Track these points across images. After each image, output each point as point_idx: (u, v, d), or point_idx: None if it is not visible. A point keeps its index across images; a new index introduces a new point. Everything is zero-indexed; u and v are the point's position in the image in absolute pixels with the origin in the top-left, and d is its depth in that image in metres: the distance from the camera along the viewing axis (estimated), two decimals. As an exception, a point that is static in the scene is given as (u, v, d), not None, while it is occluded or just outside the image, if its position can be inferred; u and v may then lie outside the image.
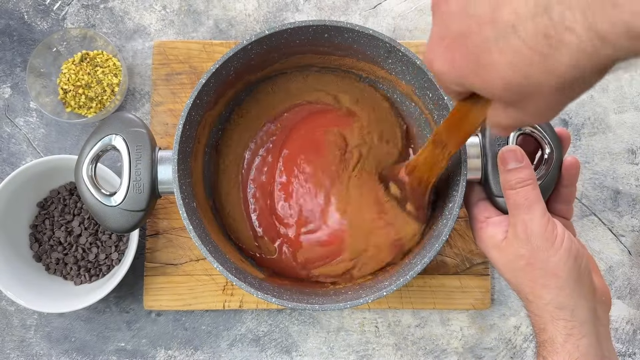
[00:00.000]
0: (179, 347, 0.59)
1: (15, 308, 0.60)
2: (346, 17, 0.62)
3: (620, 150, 0.61)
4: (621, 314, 0.60)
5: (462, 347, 0.59)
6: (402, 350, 0.59)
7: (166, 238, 0.59)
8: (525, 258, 0.40)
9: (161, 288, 0.58)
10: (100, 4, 0.62)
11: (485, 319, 0.60)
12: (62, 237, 0.58)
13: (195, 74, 0.60)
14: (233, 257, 0.50)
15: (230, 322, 0.59)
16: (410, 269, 0.45)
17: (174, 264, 0.58)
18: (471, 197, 0.47)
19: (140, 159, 0.46)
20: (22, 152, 0.61)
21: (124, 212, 0.45)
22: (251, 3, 0.62)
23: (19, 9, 0.62)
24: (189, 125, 0.47)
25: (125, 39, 0.62)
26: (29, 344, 0.59)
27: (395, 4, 0.62)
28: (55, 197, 0.59)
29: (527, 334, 0.59)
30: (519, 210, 0.40)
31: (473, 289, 0.58)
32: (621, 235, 0.61)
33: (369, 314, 0.60)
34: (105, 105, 0.59)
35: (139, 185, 0.45)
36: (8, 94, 0.61)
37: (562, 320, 0.39)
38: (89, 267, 0.58)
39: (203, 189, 0.52)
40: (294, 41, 0.49)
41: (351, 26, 0.47)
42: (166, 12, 0.62)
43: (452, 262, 0.59)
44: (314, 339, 0.59)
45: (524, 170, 0.41)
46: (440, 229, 0.46)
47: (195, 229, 0.45)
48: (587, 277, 0.40)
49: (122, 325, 0.59)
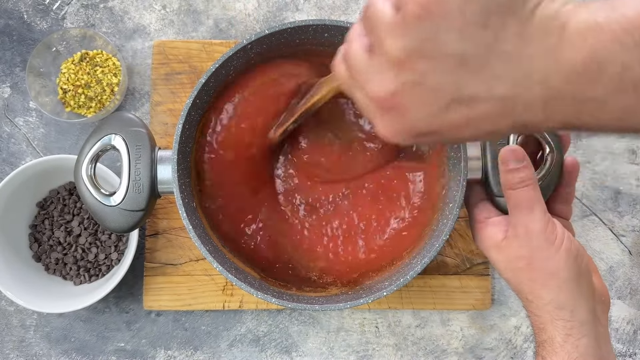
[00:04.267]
0: (178, 347, 0.59)
1: (15, 308, 0.59)
2: (346, 17, 0.62)
3: (621, 150, 0.61)
4: (621, 314, 0.60)
5: (462, 347, 0.59)
6: (402, 350, 0.59)
7: (166, 238, 0.59)
8: (525, 258, 0.40)
9: (161, 288, 0.58)
10: (99, 4, 0.62)
11: (485, 319, 0.59)
12: (61, 237, 0.58)
13: (195, 73, 0.60)
14: (233, 258, 0.49)
15: (230, 322, 0.59)
16: (410, 269, 0.45)
17: (173, 264, 0.58)
18: (471, 197, 0.47)
19: (140, 158, 0.46)
20: (21, 151, 0.61)
21: (123, 212, 0.45)
22: (251, 3, 0.62)
23: (18, 9, 0.62)
24: (188, 125, 0.47)
25: (124, 38, 0.62)
26: (29, 344, 0.59)
27: (396, 3, 0.62)
28: (55, 197, 0.59)
29: (527, 335, 0.59)
30: (519, 210, 0.40)
31: (473, 289, 0.58)
32: (622, 235, 0.61)
33: (369, 314, 0.59)
34: (104, 105, 0.59)
35: (139, 185, 0.45)
36: (7, 93, 0.61)
37: (562, 320, 0.39)
38: (88, 267, 0.58)
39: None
40: (294, 41, 0.49)
41: (351, 25, 0.47)
42: (166, 11, 0.62)
43: (453, 262, 0.59)
44: (314, 339, 0.59)
45: (525, 170, 0.41)
46: (441, 229, 0.46)
47: (195, 229, 0.45)
48: (586, 278, 0.40)
49: (121, 325, 0.59)
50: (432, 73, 0.25)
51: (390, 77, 0.26)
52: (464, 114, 0.26)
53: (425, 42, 0.24)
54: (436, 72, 0.25)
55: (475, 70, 0.24)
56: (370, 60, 0.27)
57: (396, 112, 0.27)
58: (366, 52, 0.27)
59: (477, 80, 0.24)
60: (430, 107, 0.26)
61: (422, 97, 0.26)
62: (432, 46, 0.24)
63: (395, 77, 0.26)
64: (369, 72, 0.27)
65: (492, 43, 0.24)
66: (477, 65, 0.24)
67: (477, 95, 0.25)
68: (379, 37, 0.26)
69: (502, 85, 0.24)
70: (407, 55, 0.25)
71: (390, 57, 0.25)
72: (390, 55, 0.25)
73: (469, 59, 0.24)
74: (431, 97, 0.25)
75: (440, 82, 0.25)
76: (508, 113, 0.25)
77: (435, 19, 0.23)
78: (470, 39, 0.24)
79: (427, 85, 0.25)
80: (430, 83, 0.25)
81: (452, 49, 0.24)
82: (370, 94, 0.27)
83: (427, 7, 0.23)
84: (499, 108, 0.25)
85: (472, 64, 0.24)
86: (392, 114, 0.27)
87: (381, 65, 0.26)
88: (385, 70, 0.26)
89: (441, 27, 0.23)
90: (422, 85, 0.25)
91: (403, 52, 0.25)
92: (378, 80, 0.26)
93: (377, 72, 0.26)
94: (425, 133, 0.27)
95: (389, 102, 0.27)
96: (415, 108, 0.26)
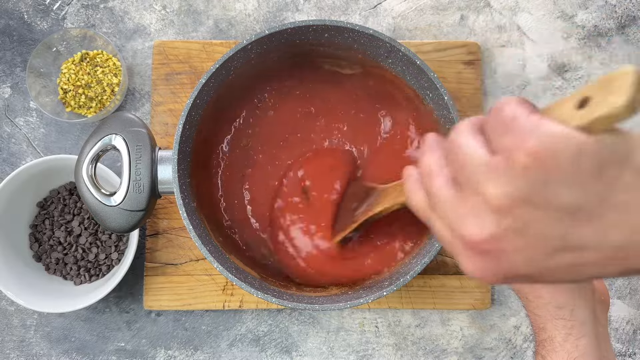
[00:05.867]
0: (179, 347, 0.59)
1: (15, 308, 0.60)
2: (346, 17, 0.62)
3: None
4: (621, 314, 0.60)
5: (462, 347, 0.59)
6: (402, 350, 0.59)
7: (166, 238, 0.59)
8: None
9: (161, 288, 0.58)
10: (100, 4, 0.62)
11: (485, 319, 0.60)
12: (62, 237, 0.58)
13: (195, 74, 0.60)
14: (233, 257, 0.50)
15: (230, 322, 0.59)
16: (410, 269, 0.45)
17: (173, 264, 0.58)
18: None
19: (140, 158, 0.46)
20: (22, 152, 0.61)
21: (123, 212, 0.45)
22: (251, 3, 0.62)
23: (18, 9, 0.62)
24: (189, 125, 0.47)
25: (125, 38, 0.62)
26: (29, 343, 0.59)
27: (395, 4, 0.62)
28: (55, 197, 0.59)
29: (527, 334, 0.59)
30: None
31: (473, 289, 0.58)
32: (621, 235, 0.61)
33: (369, 314, 0.60)
34: (105, 105, 0.59)
35: (139, 185, 0.45)
36: (8, 93, 0.61)
37: (562, 319, 0.39)
38: (88, 267, 0.58)
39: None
40: (294, 41, 0.49)
41: (351, 26, 0.47)
42: (166, 12, 0.62)
43: (453, 262, 0.59)
44: (314, 339, 0.59)
45: None
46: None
47: (195, 229, 0.45)
48: (587, 278, 0.40)
49: (122, 325, 0.59)
50: (538, 222, 0.23)
51: (489, 221, 0.24)
52: (568, 261, 0.24)
53: (533, 192, 0.23)
54: (543, 221, 0.23)
55: (586, 220, 0.23)
56: (461, 199, 0.25)
57: (492, 256, 0.25)
58: (452, 187, 0.26)
59: (588, 229, 0.23)
60: (532, 254, 0.24)
61: (524, 244, 0.24)
62: (540, 196, 0.23)
63: (495, 222, 0.24)
64: (461, 212, 0.25)
65: (606, 193, 0.23)
66: (589, 216, 0.23)
67: (586, 244, 0.24)
68: (472, 179, 0.24)
69: (618, 234, 0.23)
70: (511, 202, 0.23)
71: (491, 202, 0.24)
72: (491, 200, 0.24)
73: (580, 210, 0.23)
74: (535, 245, 0.24)
75: (546, 230, 0.23)
76: (620, 260, 0.24)
77: (546, 171, 0.22)
78: (582, 191, 0.22)
79: (531, 232, 0.24)
80: (535, 231, 0.24)
81: (562, 200, 0.23)
82: (462, 234, 0.25)
83: (539, 159, 0.22)
84: (610, 255, 0.24)
85: (583, 215, 0.23)
86: (486, 257, 0.25)
87: (479, 208, 0.24)
88: (484, 214, 0.24)
89: (551, 178, 0.22)
90: (525, 233, 0.24)
91: (506, 200, 0.23)
92: (474, 222, 0.25)
93: (473, 214, 0.25)
94: (521, 276, 0.26)
95: (486, 246, 0.25)
96: (516, 254, 0.24)
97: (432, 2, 0.62)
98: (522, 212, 0.23)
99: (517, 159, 0.23)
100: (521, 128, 0.23)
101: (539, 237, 0.24)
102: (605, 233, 0.23)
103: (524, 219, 0.23)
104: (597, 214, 0.23)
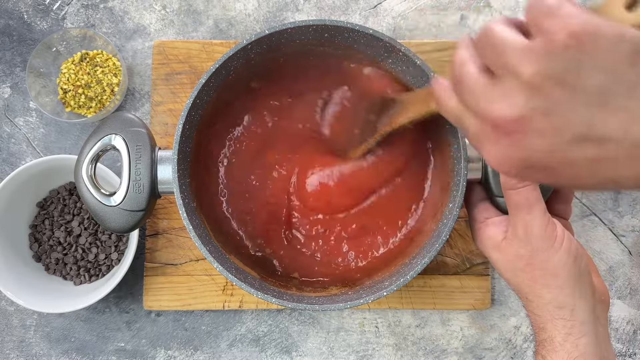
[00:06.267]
0: (178, 347, 0.59)
1: (15, 308, 0.59)
2: (346, 17, 0.62)
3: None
4: (621, 314, 0.60)
5: (462, 347, 0.59)
6: (402, 350, 0.59)
7: (166, 238, 0.59)
8: (525, 258, 0.40)
9: (161, 288, 0.58)
10: (100, 4, 0.62)
11: (485, 319, 0.60)
12: (61, 237, 0.58)
13: (195, 73, 0.60)
14: (233, 257, 0.50)
15: (230, 322, 0.59)
16: (410, 269, 0.45)
17: (173, 264, 0.58)
18: (471, 197, 0.47)
19: (140, 158, 0.46)
20: (21, 152, 0.61)
21: (123, 212, 0.45)
22: (251, 3, 0.62)
23: (18, 9, 0.62)
24: (189, 125, 0.47)
25: (125, 38, 0.62)
26: (29, 344, 0.59)
27: (395, 3, 0.62)
28: (55, 197, 0.59)
29: (527, 334, 0.59)
30: (519, 211, 0.40)
31: (473, 289, 0.58)
32: (621, 235, 0.61)
33: (369, 314, 0.59)
34: (105, 105, 0.59)
35: (139, 185, 0.45)
36: (8, 93, 0.61)
37: (562, 319, 0.39)
38: (88, 267, 0.58)
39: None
40: (294, 41, 0.49)
41: (351, 26, 0.47)
42: (166, 12, 0.62)
43: (453, 262, 0.59)
44: (314, 339, 0.59)
45: None
46: (441, 229, 0.46)
47: (195, 229, 0.45)
48: (586, 277, 0.40)
49: (121, 325, 0.59)
50: (566, 103, 0.24)
51: (519, 100, 0.25)
52: (588, 154, 0.25)
53: (567, 71, 0.23)
54: (571, 103, 0.24)
55: (612, 109, 0.23)
56: (494, 84, 0.26)
57: (516, 138, 0.26)
58: (485, 75, 0.27)
59: (613, 119, 0.24)
60: (554, 139, 0.25)
61: (549, 126, 0.24)
62: (574, 77, 0.23)
63: (525, 101, 0.25)
64: (491, 94, 0.26)
65: (636, 83, 0.23)
66: (615, 105, 0.23)
67: (609, 135, 0.24)
68: (508, 62, 0.25)
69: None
70: (543, 80, 0.24)
71: (524, 80, 0.24)
72: (524, 78, 0.24)
73: (609, 96, 0.23)
74: (559, 128, 0.24)
75: (573, 114, 0.24)
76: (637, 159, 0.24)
77: (584, 51, 0.23)
78: (614, 76, 0.23)
79: (558, 115, 0.24)
80: (562, 113, 0.24)
81: (593, 82, 0.23)
82: (491, 115, 0.26)
83: (579, 39, 0.23)
84: (630, 153, 0.24)
85: (612, 101, 0.23)
86: (510, 139, 0.26)
87: (510, 88, 0.25)
88: (515, 93, 0.25)
89: (587, 59, 0.23)
90: (552, 114, 0.24)
91: (539, 78, 0.24)
92: (503, 102, 0.25)
93: (503, 94, 0.25)
94: (538, 167, 0.26)
95: (512, 126, 0.25)
96: (539, 137, 0.25)
97: (432, 2, 0.62)
98: (552, 91, 0.24)
99: (558, 39, 0.23)
100: (566, 12, 0.23)
101: (565, 121, 0.24)
102: (629, 125, 0.23)
103: (554, 99, 0.24)
104: (623, 105, 0.23)
